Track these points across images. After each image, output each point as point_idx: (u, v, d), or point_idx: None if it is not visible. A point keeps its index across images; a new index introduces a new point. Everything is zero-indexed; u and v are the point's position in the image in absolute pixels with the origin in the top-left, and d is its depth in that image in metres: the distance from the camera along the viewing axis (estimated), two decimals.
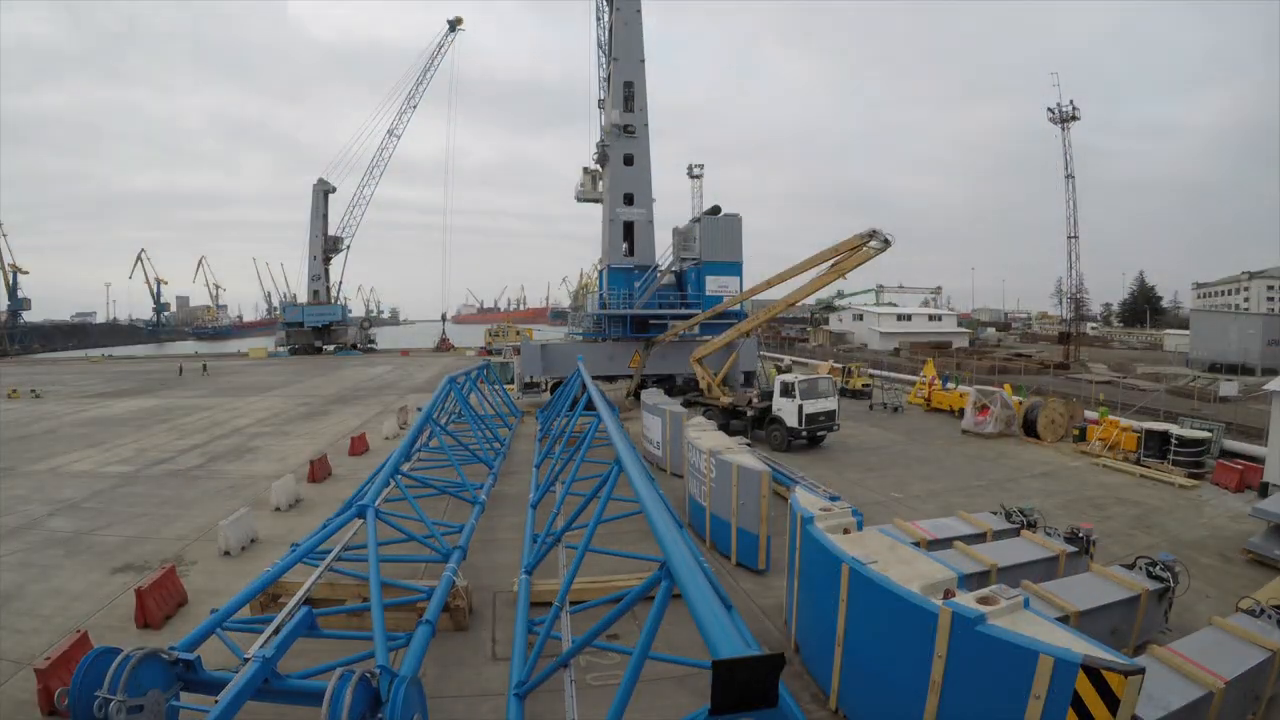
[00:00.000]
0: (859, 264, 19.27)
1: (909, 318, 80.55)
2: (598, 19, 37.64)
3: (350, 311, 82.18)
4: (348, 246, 74.49)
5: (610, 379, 31.75)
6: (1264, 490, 15.42)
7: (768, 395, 23.08)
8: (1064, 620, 6.89)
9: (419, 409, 21.16)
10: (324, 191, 72.75)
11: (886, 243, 18.69)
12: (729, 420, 23.19)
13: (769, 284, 23.60)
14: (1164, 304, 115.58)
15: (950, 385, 31.39)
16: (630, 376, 31.78)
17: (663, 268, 33.30)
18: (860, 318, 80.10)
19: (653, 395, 21.94)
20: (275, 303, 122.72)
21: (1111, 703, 4.77)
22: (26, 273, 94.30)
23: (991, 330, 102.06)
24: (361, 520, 9.45)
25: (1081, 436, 22.72)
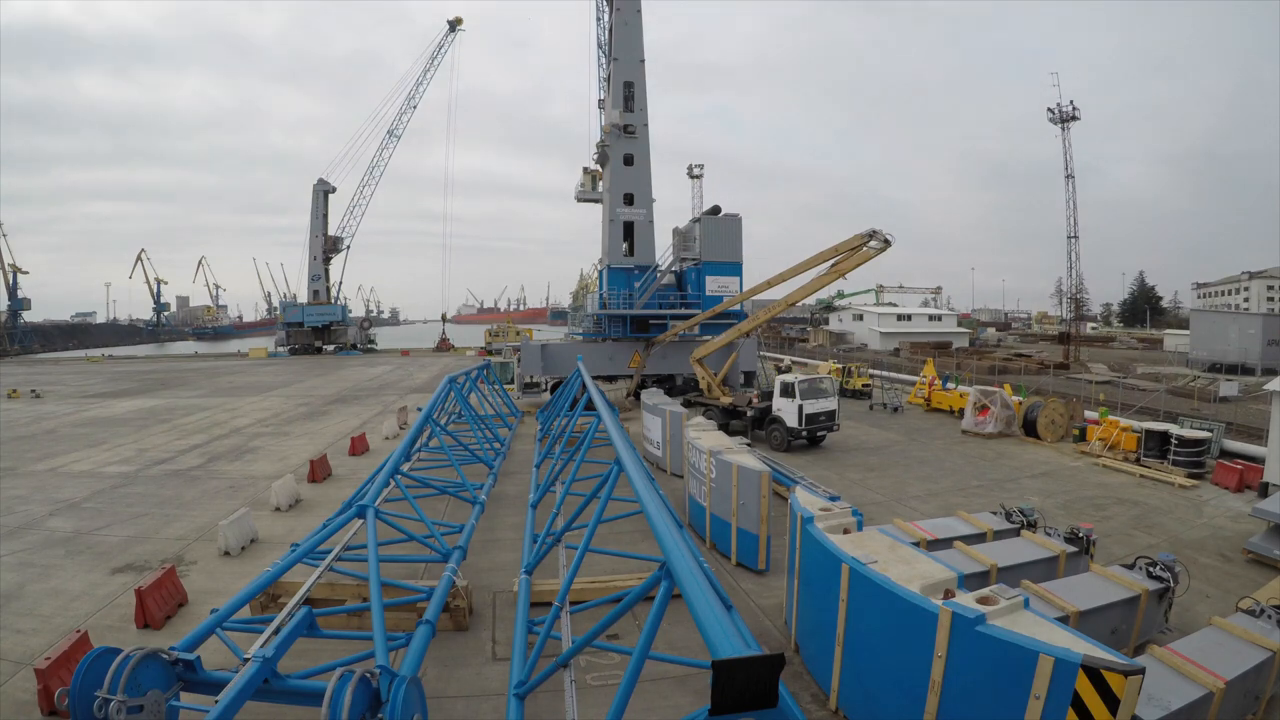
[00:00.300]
0: (859, 264, 19.28)
1: (909, 318, 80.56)
2: (597, 19, 37.68)
3: (350, 311, 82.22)
4: (348, 247, 74.60)
5: (610, 379, 31.79)
6: (1264, 490, 15.42)
7: (768, 395, 23.10)
8: (1064, 620, 6.88)
9: (419, 409, 21.17)
10: (324, 192, 72.81)
11: (887, 243, 18.72)
12: (729, 420, 23.20)
13: (769, 284, 23.60)
14: (1164, 304, 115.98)
15: (950, 385, 31.38)
16: (630, 376, 31.79)
17: (663, 268, 33.32)
18: (860, 318, 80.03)
19: (653, 395, 21.92)
20: (275, 303, 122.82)
21: (1111, 703, 4.76)
22: (26, 273, 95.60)
23: (991, 330, 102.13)
24: (361, 520, 9.43)
25: (1081, 436, 22.72)
